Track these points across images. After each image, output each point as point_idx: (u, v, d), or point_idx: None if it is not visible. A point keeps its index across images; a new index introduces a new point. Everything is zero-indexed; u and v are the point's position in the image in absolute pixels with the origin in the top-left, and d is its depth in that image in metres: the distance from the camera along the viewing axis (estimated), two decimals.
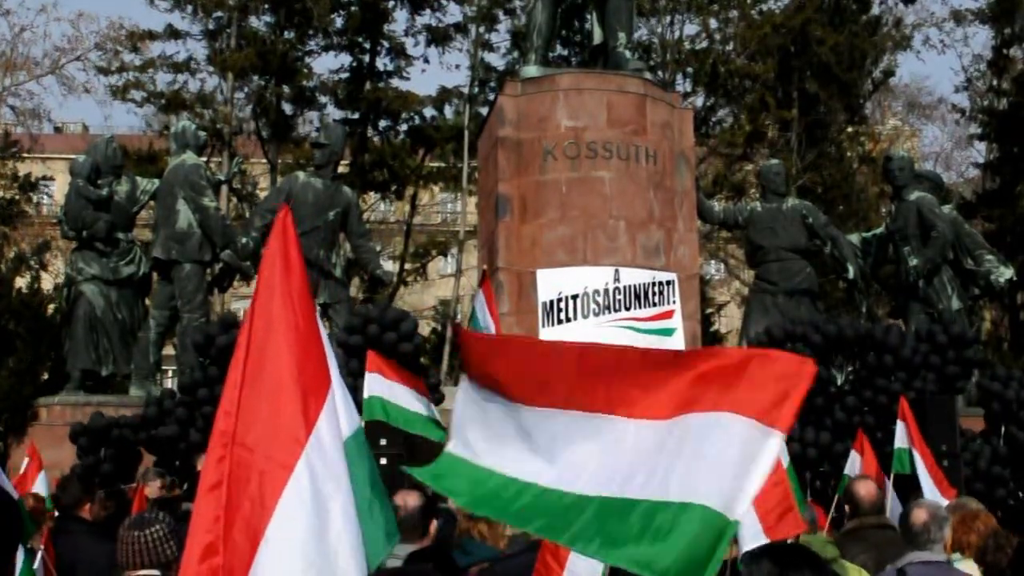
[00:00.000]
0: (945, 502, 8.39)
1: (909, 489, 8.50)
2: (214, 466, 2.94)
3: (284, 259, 3.13)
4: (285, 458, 2.95)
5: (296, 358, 3.07)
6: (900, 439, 9.57)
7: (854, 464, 9.71)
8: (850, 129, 31.38)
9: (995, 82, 31.29)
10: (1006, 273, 17.01)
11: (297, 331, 3.09)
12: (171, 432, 12.92)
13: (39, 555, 5.52)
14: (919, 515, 5.39)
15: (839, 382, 13.83)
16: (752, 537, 5.25)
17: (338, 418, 3.14)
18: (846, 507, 6.71)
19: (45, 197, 34.69)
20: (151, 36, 30.06)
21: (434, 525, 5.55)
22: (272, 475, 2.93)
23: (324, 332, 3.32)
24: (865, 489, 6.59)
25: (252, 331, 3.08)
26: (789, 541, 5.59)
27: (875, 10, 31.39)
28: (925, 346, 14.04)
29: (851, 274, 17.19)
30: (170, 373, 25.05)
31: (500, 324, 12.56)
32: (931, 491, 8.68)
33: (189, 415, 13.06)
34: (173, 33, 29.93)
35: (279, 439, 2.97)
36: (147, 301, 16.73)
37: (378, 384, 10.37)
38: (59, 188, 31.76)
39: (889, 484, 8.89)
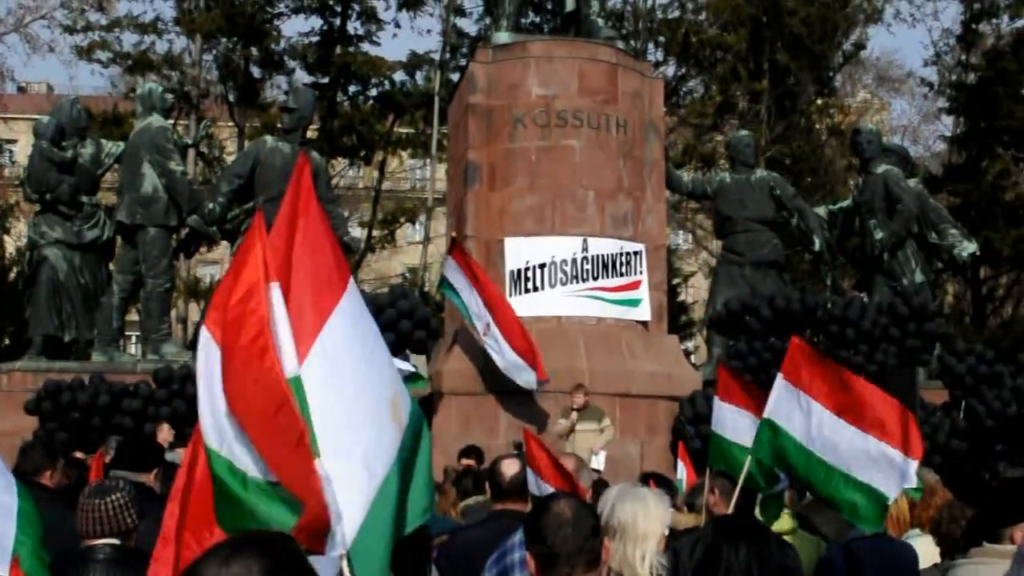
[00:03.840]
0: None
1: None
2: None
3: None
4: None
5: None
6: None
7: None
8: (820, 101, 31.42)
9: (964, 56, 31.42)
10: (969, 247, 17.16)
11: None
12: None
13: None
14: None
15: None
16: None
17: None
18: None
19: (7, 159, 34.16)
20: None
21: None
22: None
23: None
24: None
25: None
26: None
27: None
28: (886, 319, 14.14)
29: (817, 246, 17.30)
30: (133, 339, 24.83)
31: (486, 278, 12.72)
32: None
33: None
34: None
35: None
36: (111, 266, 16.55)
37: None
38: (22, 150, 31.27)
39: None
